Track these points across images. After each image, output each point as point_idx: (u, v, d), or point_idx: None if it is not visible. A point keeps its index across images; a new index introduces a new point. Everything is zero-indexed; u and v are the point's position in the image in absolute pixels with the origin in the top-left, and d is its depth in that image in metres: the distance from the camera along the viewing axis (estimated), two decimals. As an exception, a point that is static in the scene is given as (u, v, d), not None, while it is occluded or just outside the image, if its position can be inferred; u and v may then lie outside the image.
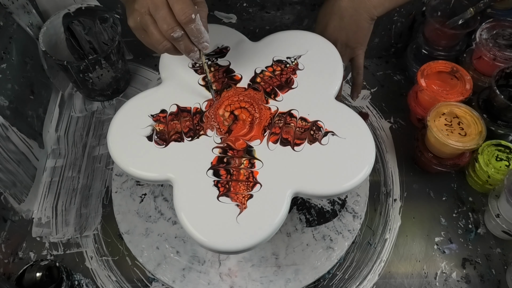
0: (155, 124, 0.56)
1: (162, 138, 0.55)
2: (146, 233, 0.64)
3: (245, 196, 0.50)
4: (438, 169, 0.68)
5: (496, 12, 0.74)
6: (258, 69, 0.61)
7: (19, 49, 0.72)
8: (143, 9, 0.49)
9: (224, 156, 0.54)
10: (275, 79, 0.60)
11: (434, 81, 0.71)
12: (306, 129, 0.56)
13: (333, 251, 0.62)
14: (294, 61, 0.62)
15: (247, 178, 0.52)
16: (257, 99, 0.59)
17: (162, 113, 0.57)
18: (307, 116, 0.57)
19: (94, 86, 0.77)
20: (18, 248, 0.67)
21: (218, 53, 0.63)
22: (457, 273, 0.64)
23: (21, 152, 0.69)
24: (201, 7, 0.51)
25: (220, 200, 0.50)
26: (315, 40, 0.64)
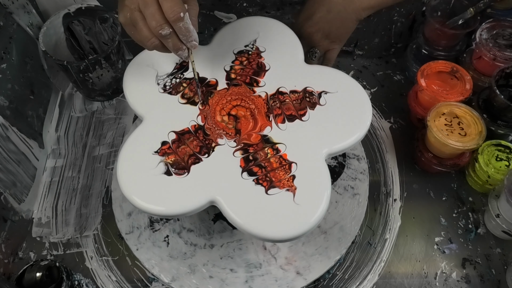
0: (165, 158, 0.53)
1: (180, 168, 0.52)
2: (192, 270, 0.62)
3: (289, 178, 0.51)
4: (438, 169, 0.68)
5: (496, 12, 0.74)
6: (226, 66, 0.61)
7: (19, 49, 0.72)
8: (133, 5, 0.49)
9: (248, 154, 0.54)
10: (247, 69, 0.61)
11: (434, 81, 0.71)
12: (301, 98, 0.58)
13: (359, 195, 0.68)
14: (253, 46, 0.63)
15: (280, 163, 0.53)
16: (243, 93, 0.59)
17: (165, 145, 0.54)
18: (295, 87, 0.59)
19: (94, 86, 0.77)
20: (18, 248, 0.67)
21: (180, 69, 0.61)
22: (457, 273, 0.64)
23: (21, 152, 0.69)
24: (192, 6, 0.51)
25: (269, 193, 0.51)
26: (261, 22, 0.65)
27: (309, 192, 0.51)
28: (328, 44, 0.67)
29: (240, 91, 0.59)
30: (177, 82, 0.60)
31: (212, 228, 0.65)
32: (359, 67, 0.86)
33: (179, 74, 0.60)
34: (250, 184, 0.51)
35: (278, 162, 0.53)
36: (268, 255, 0.63)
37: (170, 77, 0.60)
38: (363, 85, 0.83)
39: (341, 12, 0.63)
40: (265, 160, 0.53)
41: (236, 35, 0.64)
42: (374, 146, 0.76)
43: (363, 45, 0.85)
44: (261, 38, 0.64)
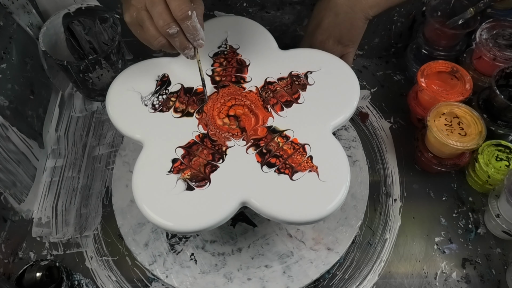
0: (181, 175, 0.52)
1: (200, 179, 0.52)
2: (228, 278, 0.62)
3: (307, 160, 0.53)
4: (438, 169, 0.68)
5: (496, 12, 0.74)
6: (207, 71, 0.61)
7: (19, 49, 0.72)
8: (140, 5, 0.49)
9: (261, 148, 0.54)
10: (229, 68, 0.61)
11: (434, 81, 0.71)
12: (290, 83, 0.59)
13: (358, 161, 0.71)
14: (226, 46, 0.64)
15: (294, 148, 0.54)
16: (233, 92, 0.59)
17: (176, 162, 0.53)
18: (280, 74, 0.60)
19: (94, 86, 0.77)
20: (18, 248, 0.67)
21: (162, 85, 0.60)
22: (457, 273, 0.64)
23: (21, 152, 0.69)
24: (198, 5, 0.51)
25: (294, 179, 0.51)
26: (226, 21, 0.67)
27: (330, 167, 0.52)
28: (342, 49, 0.66)
29: (230, 91, 0.59)
30: (165, 98, 0.58)
31: (234, 232, 0.65)
32: (359, 67, 0.86)
33: (163, 90, 0.59)
34: (273, 176, 0.52)
35: (292, 148, 0.54)
36: (295, 241, 0.64)
37: (155, 95, 0.59)
38: (363, 85, 0.84)
39: (349, 13, 0.62)
40: (279, 149, 0.54)
41: (206, 38, 0.63)
42: (374, 146, 0.76)
43: (363, 45, 0.85)
44: (231, 36, 0.64)
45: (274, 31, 0.81)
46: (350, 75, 0.60)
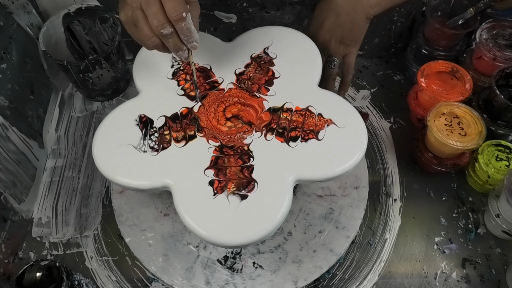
0: (227, 191, 0.51)
1: (246, 185, 0.52)
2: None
3: (319, 118, 0.57)
4: (438, 169, 0.68)
5: (496, 12, 0.74)
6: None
7: (19, 49, 0.72)
8: (135, 4, 0.49)
9: (275, 129, 0.56)
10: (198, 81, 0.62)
11: (434, 81, 0.71)
12: (258, 65, 0.62)
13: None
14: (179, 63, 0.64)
15: (301, 115, 0.57)
16: (216, 97, 0.60)
17: (214, 183, 0.52)
18: (243, 62, 0.63)
19: (94, 86, 0.77)
20: (18, 248, 0.67)
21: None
22: (457, 273, 0.64)
23: (21, 152, 0.69)
24: (193, 7, 0.51)
25: (320, 138, 0.55)
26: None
27: (340, 113, 0.57)
28: (344, 49, 0.66)
29: (212, 98, 0.59)
30: (157, 136, 0.56)
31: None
32: (359, 67, 0.86)
33: (150, 130, 0.57)
34: (302, 146, 0.55)
35: (300, 115, 0.57)
36: (328, 198, 0.67)
37: (146, 138, 0.56)
38: (363, 85, 0.84)
39: (350, 13, 0.62)
40: (291, 121, 0.56)
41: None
42: (374, 146, 0.76)
43: (363, 45, 0.85)
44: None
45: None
46: (298, 34, 0.64)
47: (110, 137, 0.56)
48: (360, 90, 0.83)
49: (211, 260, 0.63)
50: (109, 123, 0.57)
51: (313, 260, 0.62)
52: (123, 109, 0.59)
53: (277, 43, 0.64)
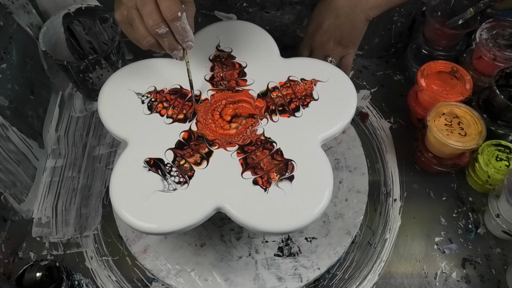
0: (274, 182, 0.51)
1: (286, 169, 0.52)
2: None
3: (309, 86, 0.60)
4: (438, 169, 0.68)
5: (496, 12, 0.74)
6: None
7: (19, 49, 0.72)
8: (131, 3, 0.49)
9: (279, 108, 0.58)
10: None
11: (434, 81, 0.71)
12: (225, 58, 0.63)
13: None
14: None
15: (300, 89, 0.60)
16: (205, 109, 0.58)
17: (259, 178, 0.52)
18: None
19: (94, 86, 0.77)
20: (18, 248, 0.67)
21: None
22: (457, 273, 0.64)
23: (21, 152, 0.69)
24: (189, 7, 0.51)
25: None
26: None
27: (320, 71, 0.60)
28: (342, 50, 0.66)
29: (203, 109, 0.58)
30: (186, 167, 0.53)
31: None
32: (359, 67, 0.86)
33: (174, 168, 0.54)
34: (309, 109, 0.58)
35: (287, 87, 0.60)
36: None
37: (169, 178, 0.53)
38: (363, 85, 0.84)
39: (349, 14, 0.62)
40: (284, 97, 0.59)
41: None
42: (374, 146, 0.76)
43: (363, 45, 0.85)
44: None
45: (274, 31, 0.82)
46: (236, 23, 0.66)
47: (131, 193, 0.51)
48: (360, 90, 0.83)
49: (270, 258, 0.62)
50: (119, 181, 0.53)
51: (350, 208, 0.66)
52: (125, 162, 0.54)
53: (224, 38, 0.65)
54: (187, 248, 0.63)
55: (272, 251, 0.63)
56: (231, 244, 0.63)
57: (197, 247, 0.63)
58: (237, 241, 0.64)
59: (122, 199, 0.51)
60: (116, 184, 0.52)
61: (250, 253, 0.63)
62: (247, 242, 0.64)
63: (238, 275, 0.61)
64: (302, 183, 0.51)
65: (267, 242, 0.64)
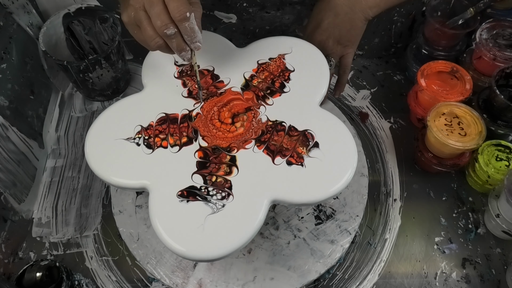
0: (303, 155, 0.53)
1: (308, 139, 0.55)
2: None
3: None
4: (438, 169, 0.68)
5: (496, 12, 0.74)
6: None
7: (19, 49, 0.72)
8: (138, 5, 0.49)
9: (265, 91, 0.59)
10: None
11: (434, 81, 0.71)
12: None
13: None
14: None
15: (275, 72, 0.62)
16: (204, 124, 0.57)
17: (292, 158, 0.54)
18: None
19: (94, 86, 0.77)
20: (18, 248, 0.67)
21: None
22: (457, 273, 0.64)
23: (21, 152, 0.69)
24: (196, 7, 0.51)
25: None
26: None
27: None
28: (341, 49, 0.66)
29: (202, 124, 0.57)
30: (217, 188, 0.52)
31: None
32: (359, 67, 0.86)
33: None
34: (290, 85, 0.61)
35: (267, 70, 0.62)
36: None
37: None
38: (363, 85, 0.84)
39: (349, 13, 0.62)
40: (265, 80, 0.60)
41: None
42: (374, 146, 0.76)
43: (363, 45, 0.85)
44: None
45: (274, 31, 0.82)
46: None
47: (184, 231, 0.49)
48: (360, 90, 0.83)
49: (314, 229, 0.65)
50: (166, 225, 0.49)
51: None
52: (160, 206, 0.51)
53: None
54: (238, 262, 0.62)
55: (311, 223, 0.65)
56: (274, 236, 0.64)
57: (245, 255, 0.63)
58: (277, 231, 0.64)
59: (180, 240, 0.48)
60: (165, 230, 0.49)
61: (295, 234, 0.64)
62: (287, 228, 0.65)
63: (297, 259, 0.62)
64: (327, 143, 0.54)
65: (303, 218, 0.65)
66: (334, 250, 0.63)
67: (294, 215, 0.66)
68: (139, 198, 0.67)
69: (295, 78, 0.60)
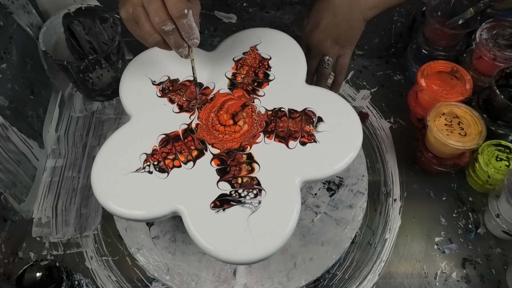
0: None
1: (314, 120, 0.56)
2: None
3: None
4: (438, 169, 0.68)
5: (496, 12, 0.74)
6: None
7: (19, 49, 0.72)
8: (136, 1, 0.49)
9: (249, 83, 0.60)
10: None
11: (434, 81, 0.71)
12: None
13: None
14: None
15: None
16: (207, 133, 0.57)
17: (305, 139, 0.55)
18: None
19: (94, 86, 0.77)
20: (18, 248, 0.67)
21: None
22: (457, 273, 0.64)
23: (21, 152, 0.69)
24: (194, 4, 0.51)
25: None
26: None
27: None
28: (339, 49, 0.66)
29: (205, 132, 0.57)
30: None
31: None
32: (359, 67, 0.86)
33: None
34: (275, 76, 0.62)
35: (246, 64, 0.62)
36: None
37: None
38: (363, 85, 0.84)
39: (347, 14, 0.62)
40: (246, 76, 0.61)
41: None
42: (374, 146, 0.76)
43: (363, 45, 0.85)
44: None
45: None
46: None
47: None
48: (360, 90, 0.83)
49: (330, 200, 0.66)
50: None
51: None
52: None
53: (153, 71, 0.61)
54: (273, 256, 0.61)
55: (326, 195, 0.67)
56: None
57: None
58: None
59: (232, 249, 0.48)
60: (215, 246, 0.48)
61: (315, 211, 0.66)
62: (305, 208, 0.66)
63: (326, 232, 0.64)
64: (331, 114, 0.56)
65: (316, 194, 0.67)
66: (356, 213, 0.65)
67: (308, 194, 0.67)
68: (152, 229, 0.65)
69: (275, 64, 0.62)
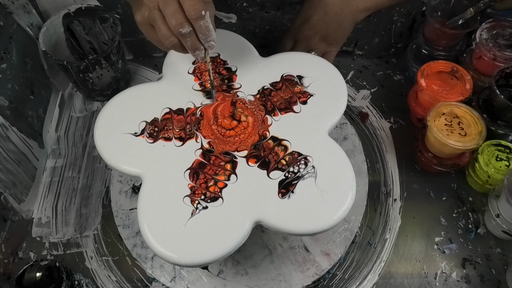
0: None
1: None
2: None
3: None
4: (438, 169, 0.68)
5: (496, 12, 0.74)
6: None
7: (19, 49, 0.72)
8: (152, 4, 0.49)
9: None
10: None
11: (434, 81, 0.71)
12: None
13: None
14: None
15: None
16: (215, 139, 0.56)
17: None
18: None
19: (94, 86, 0.77)
20: (18, 248, 0.67)
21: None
22: (457, 273, 0.64)
23: (21, 152, 0.69)
24: (209, 6, 0.51)
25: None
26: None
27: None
28: (326, 47, 0.67)
29: (210, 132, 0.56)
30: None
31: None
32: (359, 67, 0.86)
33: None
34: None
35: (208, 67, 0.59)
36: None
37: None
38: (363, 85, 0.84)
39: (338, 14, 0.63)
40: (216, 72, 0.61)
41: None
42: (374, 146, 0.76)
43: (363, 45, 0.85)
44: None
45: (274, 31, 0.82)
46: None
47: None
48: (360, 90, 0.83)
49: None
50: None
51: None
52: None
53: (124, 106, 0.60)
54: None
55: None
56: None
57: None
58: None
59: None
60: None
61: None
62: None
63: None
64: (303, 67, 0.59)
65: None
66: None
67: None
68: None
69: (228, 58, 0.62)
